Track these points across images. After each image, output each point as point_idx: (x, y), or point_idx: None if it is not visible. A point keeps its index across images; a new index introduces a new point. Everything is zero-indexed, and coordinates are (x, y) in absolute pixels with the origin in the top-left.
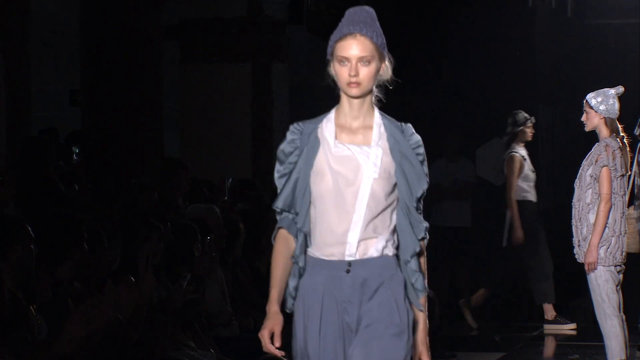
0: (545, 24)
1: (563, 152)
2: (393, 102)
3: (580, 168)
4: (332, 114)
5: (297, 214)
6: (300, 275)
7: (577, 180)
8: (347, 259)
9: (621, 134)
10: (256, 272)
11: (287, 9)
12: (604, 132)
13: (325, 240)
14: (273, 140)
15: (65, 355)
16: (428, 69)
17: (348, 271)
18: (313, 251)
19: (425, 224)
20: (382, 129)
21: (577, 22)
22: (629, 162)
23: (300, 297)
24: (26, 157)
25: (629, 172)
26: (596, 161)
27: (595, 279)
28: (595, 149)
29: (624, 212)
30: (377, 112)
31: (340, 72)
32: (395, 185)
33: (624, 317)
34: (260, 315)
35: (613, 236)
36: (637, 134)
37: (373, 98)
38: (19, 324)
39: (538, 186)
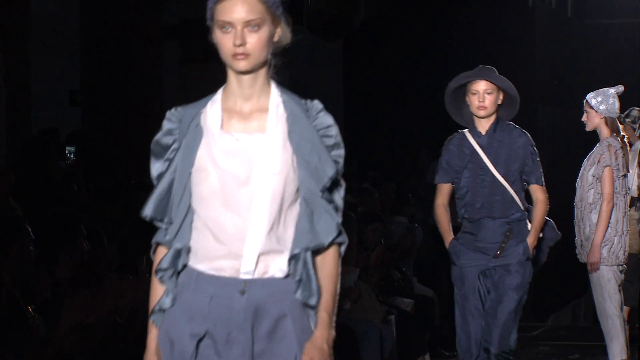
0: (545, 24)
1: (563, 152)
2: (393, 102)
3: (582, 168)
4: (218, 95)
5: (170, 223)
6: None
7: (578, 180)
8: (243, 277)
9: (622, 134)
10: None
11: (287, 9)
12: (604, 131)
13: (214, 251)
14: None
15: (63, 352)
16: (428, 69)
17: (242, 292)
18: (196, 264)
19: (337, 220)
20: (281, 109)
21: (577, 22)
22: (630, 162)
23: (173, 316)
24: (27, 156)
25: (630, 172)
26: (598, 161)
27: (598, 279)
28: (597, 148)
29: (626, 212)
30: (274, 88)
31: (223, 41)
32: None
33: (624, 317)
34: None
35: (615, 236)
36: (638, 135)
37: (270, 71)
38: (18, 323)
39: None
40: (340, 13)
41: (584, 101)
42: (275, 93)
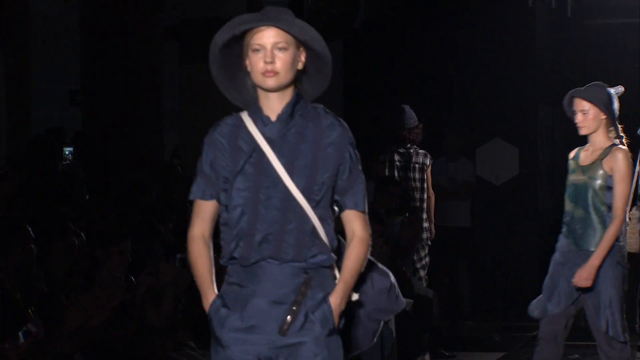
0: (545, 24)
1: (563, 152)
2: (393, 103)
3: None
4: None
5: None
6: None
7: None
8: None
9: (620, 134)
10: None
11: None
12: None
13: None
14: None
15: (63, 353)
16: (428, 68)
17: None
18: None
19: None
20: None
21: (577, 22)
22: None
23: None
24: (32, 155)
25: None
26: None
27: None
28: None
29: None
30: None
31: None
32: None
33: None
34: None
35: None
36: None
37: None
38: (18, 324)
39: (539, 186)
40: (340, 13)
41: None
42: None
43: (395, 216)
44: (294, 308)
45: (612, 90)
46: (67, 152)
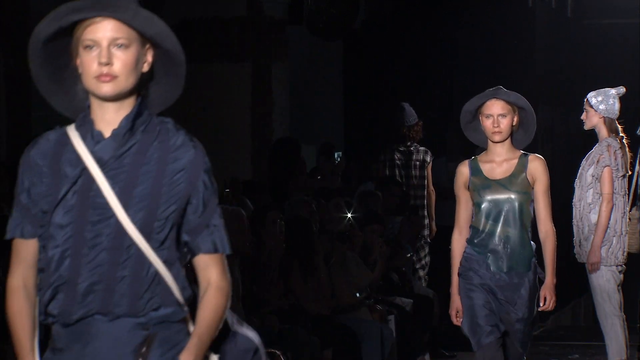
0: (545, 24)
1: (563, 152)
2: (393, 102)
3: (580, 168)
4: None
5: None
6: None
7: (577, 180)
8: None
9: (621, 134)
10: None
11: (287, 9)
12: (603, 132)
13: None
14: (273, 140)
15: None
16: (428, 68)
17: None
18: None
19: None
20: None
21: (577, 22)
22: (629, 163)
23: None
24: None
25: (630, 173)
26: (598, 161)
27: (597, 279)
28: (597, 148)
29: (624, 212)
30: None
31: None
32: None
33: (624, 316)
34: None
35: (614, 236)
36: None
37: None
38: None
39: None
40: (340, 13)
41: (585, 100)
42: None
43: (395, 216)
44: None
45: (613, 91)
46: None
